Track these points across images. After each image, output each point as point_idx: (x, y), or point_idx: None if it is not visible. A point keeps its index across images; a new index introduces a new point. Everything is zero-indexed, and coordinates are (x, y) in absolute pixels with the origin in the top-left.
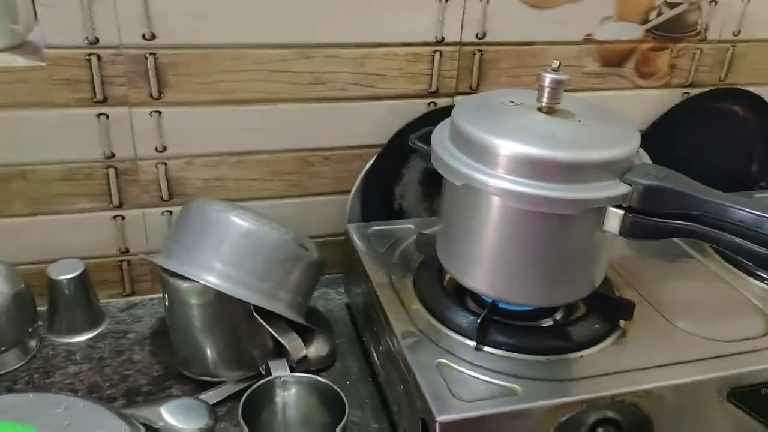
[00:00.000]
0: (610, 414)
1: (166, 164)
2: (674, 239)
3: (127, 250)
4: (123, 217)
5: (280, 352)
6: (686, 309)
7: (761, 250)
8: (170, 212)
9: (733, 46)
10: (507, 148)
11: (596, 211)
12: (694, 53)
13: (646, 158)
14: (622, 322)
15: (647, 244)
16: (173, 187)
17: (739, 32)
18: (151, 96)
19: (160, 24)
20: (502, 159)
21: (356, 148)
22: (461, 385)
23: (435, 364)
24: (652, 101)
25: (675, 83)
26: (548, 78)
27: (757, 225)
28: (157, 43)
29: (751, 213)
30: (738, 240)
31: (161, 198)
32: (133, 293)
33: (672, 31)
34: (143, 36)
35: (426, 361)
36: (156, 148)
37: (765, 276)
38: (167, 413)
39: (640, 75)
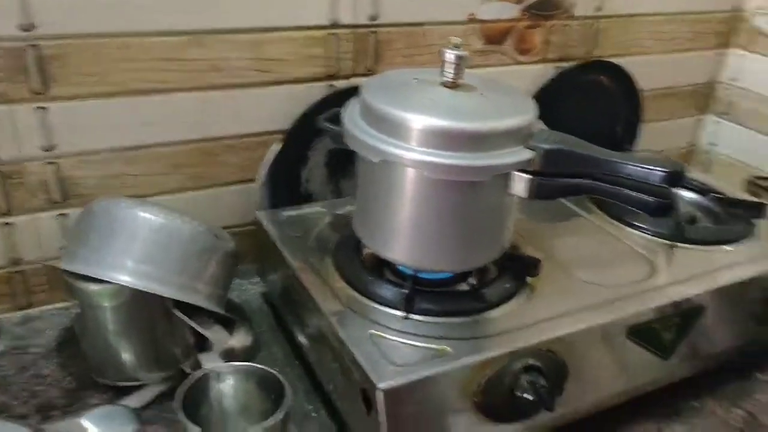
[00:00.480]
0: (532, 361)
1: (55, 164)
2: (561, 199)
3: (19, 261)
4: (11, 225)
5: (201, 347)
6: (581, 261)
7: (649, 198)
8: (64, 215)
9: (597, 21)
10: (419, 122)
11: (504, 176)
12: (564, 29)
13: (543, 126)
14: (529, 279)
15: (537, 207)
16: (66, 187)
17: (600, 9)
18: (34, 91)
19: (41, 13)
20: (415, 133)
21: (259, 135)
22: (396, 353)
23: (367, 336)
24: (530, 75)
25: (550, 58)
26: (452, 54)
27: (645, 177)
28: (37, 33)
29: (639, 167)
30: (630, 192)
31: (53, 201)
32: (29, 306)
33: (544, 10)
34: (20, 27)
35: (358, 334)
36: (43, 147)
37: (643, 226)
38: (90, 423)
39: (519, 51)
